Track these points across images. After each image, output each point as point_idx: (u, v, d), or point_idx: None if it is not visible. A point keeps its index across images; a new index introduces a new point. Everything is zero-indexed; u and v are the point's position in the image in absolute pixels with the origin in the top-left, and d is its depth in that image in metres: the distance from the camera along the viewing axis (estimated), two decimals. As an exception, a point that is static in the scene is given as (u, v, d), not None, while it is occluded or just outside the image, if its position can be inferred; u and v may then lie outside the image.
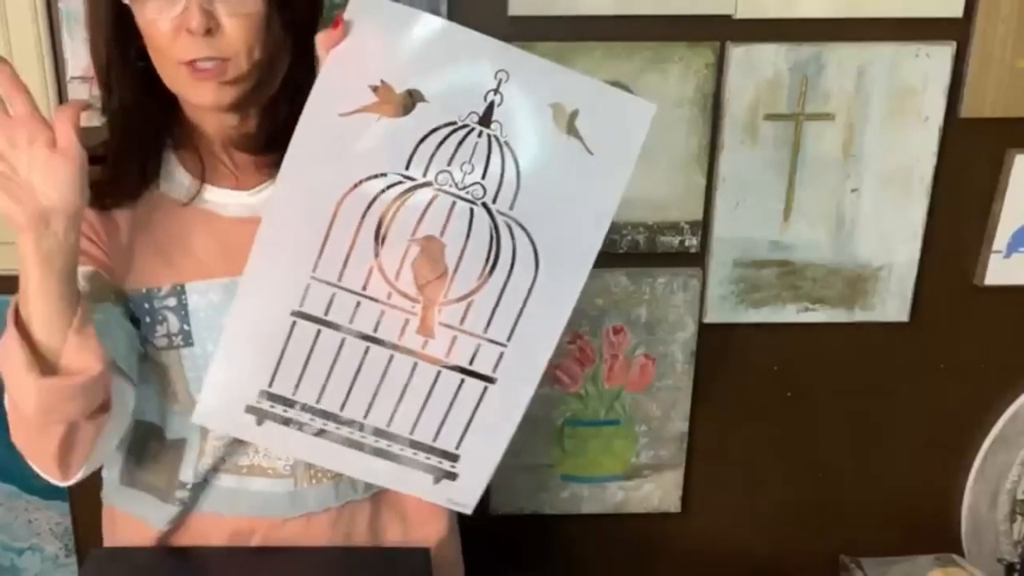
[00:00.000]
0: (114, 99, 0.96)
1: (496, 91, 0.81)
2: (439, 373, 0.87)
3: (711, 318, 1.51)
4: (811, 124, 1.42)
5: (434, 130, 0.81)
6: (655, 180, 1.43)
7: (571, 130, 0.82)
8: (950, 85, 1.41)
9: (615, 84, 0.90)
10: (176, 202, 0.98)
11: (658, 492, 1.61)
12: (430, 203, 0.82)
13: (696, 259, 1.48)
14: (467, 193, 0.82)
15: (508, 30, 1.34)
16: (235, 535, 1.04)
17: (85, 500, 1.61)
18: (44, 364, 0.84)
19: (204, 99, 0.92)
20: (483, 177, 0.82)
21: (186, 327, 0.97)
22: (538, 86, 0.81)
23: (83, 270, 0.92)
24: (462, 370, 0.87)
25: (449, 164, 0.81)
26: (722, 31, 1.37)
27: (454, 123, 0.81)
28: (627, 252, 1.46)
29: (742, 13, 1.36)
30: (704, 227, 1.47)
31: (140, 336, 0.99)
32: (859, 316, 1.52)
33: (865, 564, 1.32)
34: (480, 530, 1.60)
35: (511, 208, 0.83)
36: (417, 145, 0.81)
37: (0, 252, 1.42)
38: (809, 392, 1.57)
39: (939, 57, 1.39)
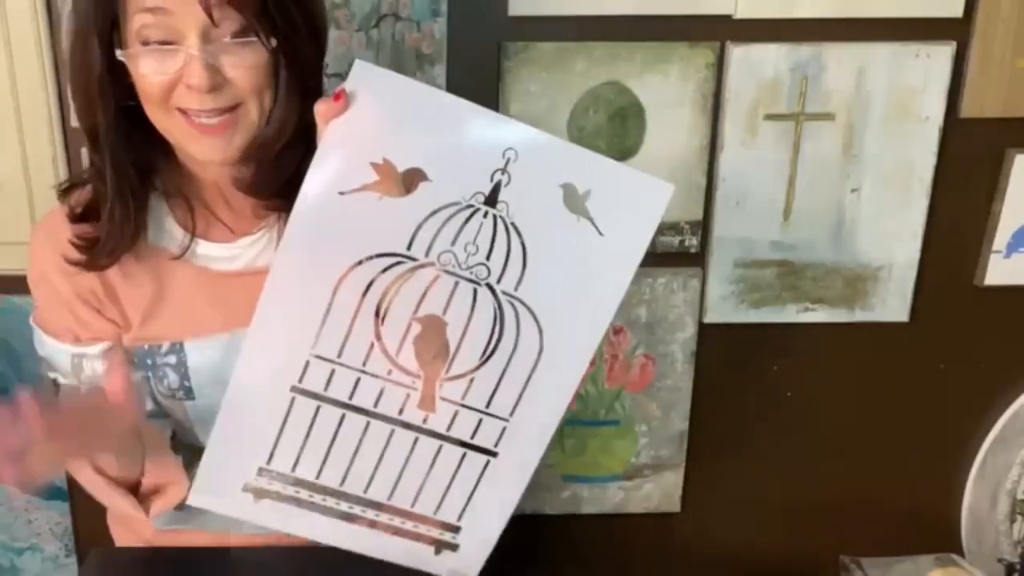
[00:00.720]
0: (104, 152, 0.91)
1: (503, 171, 0.77)
2: (440, 447, 0.86)
3: (711, 318, 1.51)
4: (811, 124, 1.42)
5: (437, 210, 0.78)
6: (655, 180, 1.43)
7: (582, 211, 0.78)
8: (950, 85, 1.41)
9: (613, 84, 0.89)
10: (166, 253, 0.96)
11: (658, 492, 1.61)
12: (432, 282, 0.80)
13: (696, 259, 1.48)
14: (471, 273, 0.80)
15: (508, 30, 1.34)
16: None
17: (85, 500, 1.61)
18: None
19: (212, 154, 0.88)
20: (488, 258, 0.79)
21: (187, 383, 0.98)
22: (549, 165, 0.78)
23: (97, 348, 0.96)
24: (463, 444, 0.85)
25: (452, 244, 0.79)
26: (722, 31, 1.37)
27: (458, 203, 0.78)
28: (627, 252, 1.46)
29: (742, 13, 1.36)
30: (704, 227, 1.47)
31: None
32: (859, 316, 1.52)
33: (865, 564, 1.32)
34: (480, 530, 1.61)
35: (516, 289, 0.80)
36: (420, 225, 0.78)
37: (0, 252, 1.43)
38: (809, 392, 1.57)
39: (939, 57, 1.39)
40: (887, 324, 1.53)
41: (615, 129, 1.40)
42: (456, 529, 0.90)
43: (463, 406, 0.84)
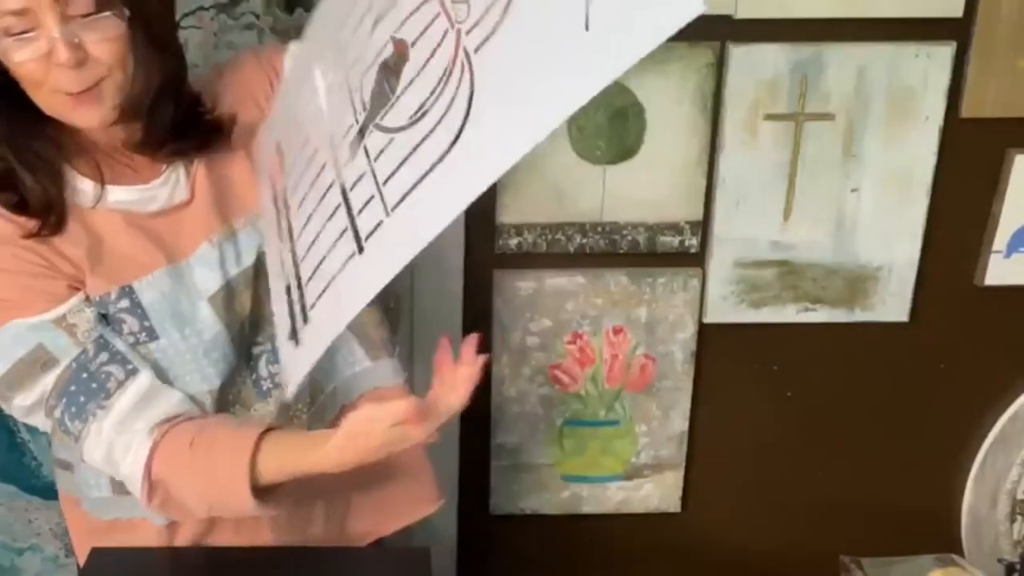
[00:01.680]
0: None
1: None
2: (337, 207, 0.82)
3: (711, 318, 1.51)
4: (811, 124, 1.42)
5: None
6: (655, 180, 1.43)
7: None
8: (950, 85, 1.41)
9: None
10: (84, 208, 0.99)
11: (658, 492, 1.61)
12: (420, 5, 0.75)
13: (696, 259, 1.48)
14: (453, 10, 0.72)
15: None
16: None
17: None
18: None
19: (90, 121, 0.94)
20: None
21: (146, 323, 0.99)
22: None
23: (75, 299, 0.97)
24: (349, 215, 0.80)
25: None
26: (722, 31, 1.37)
27: None
28: (627, 252, 1.46)
29: (742, 13, 1.36)
30: (704, 227, 1.47)
31: None
32: (859, 316, 1.52)
33: (865, 564, 1.32)
34: (480, 530, 1.61)
35: (476, 51, 0.70)
36: None
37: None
38: (809, 392, 1.57)
39: (939, 57, 1.39)
40: (887, 324, 1.53)
41: (615, 129, 1.40)
42: (307, 319, 0.86)
43: (371, 170, 0.78)
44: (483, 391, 1.51)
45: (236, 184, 1.06)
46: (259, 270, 1.04)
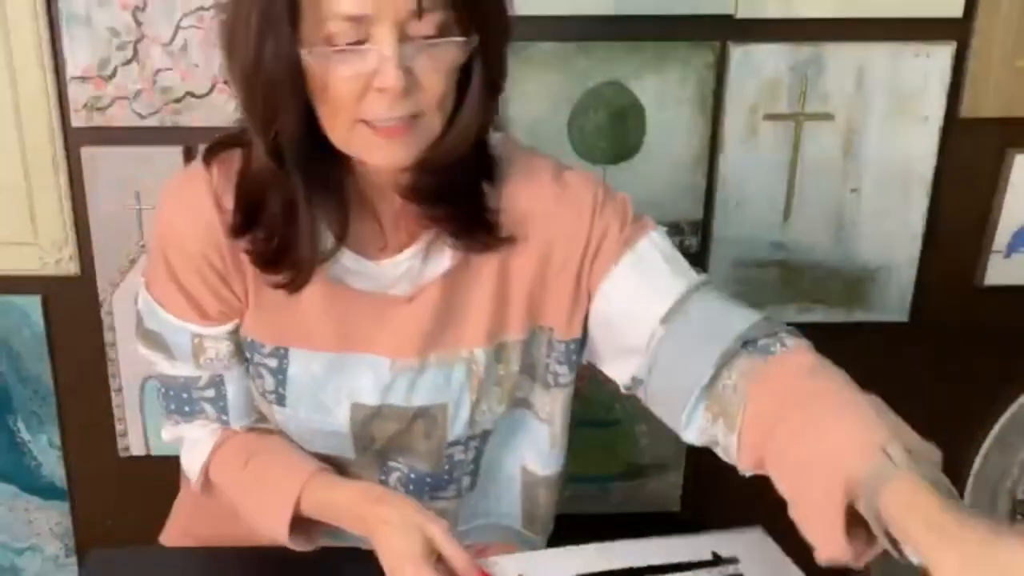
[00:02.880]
0: (290, 160, 0.83)
1: None
2: None
3: (711, 318, 1.51)
4: (811, 124, 1.42)
5: None
6: (655, 180, 1.43)
7: None
8: (950, 85, 1.41)
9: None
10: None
11: (659, 492, 1.61)
12: None
13: (696, 259, 1.48)
14: None
15: (508, 30, 1.34)
16: None
17: (85, 500, 1.61)
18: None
19: (391, 160, 0.82)
20: None
21: (281, 390, 0.94)
22: None
23: (222, 330, 0.92)
24: None
25: None
26: (722, 31, 1.37)
27: None
28: (627, 252, 1.46)
29: (742, 13, 1.36)
30: (704, 227, 1.47)
31: None
32: (859, 316, 1.52)
33: (872, 566, 1.32)
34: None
35: None
36: None
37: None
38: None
39: (939, 57, 1.39)
40: (887, 324, 1.53)
41: (615, 129, 1.40)
42: None
43: None
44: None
45: (470, 312, 0.92)
46: (417, 416, 0.95)
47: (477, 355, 0.94)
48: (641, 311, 0.90)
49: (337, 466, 0.98)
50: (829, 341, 1.53)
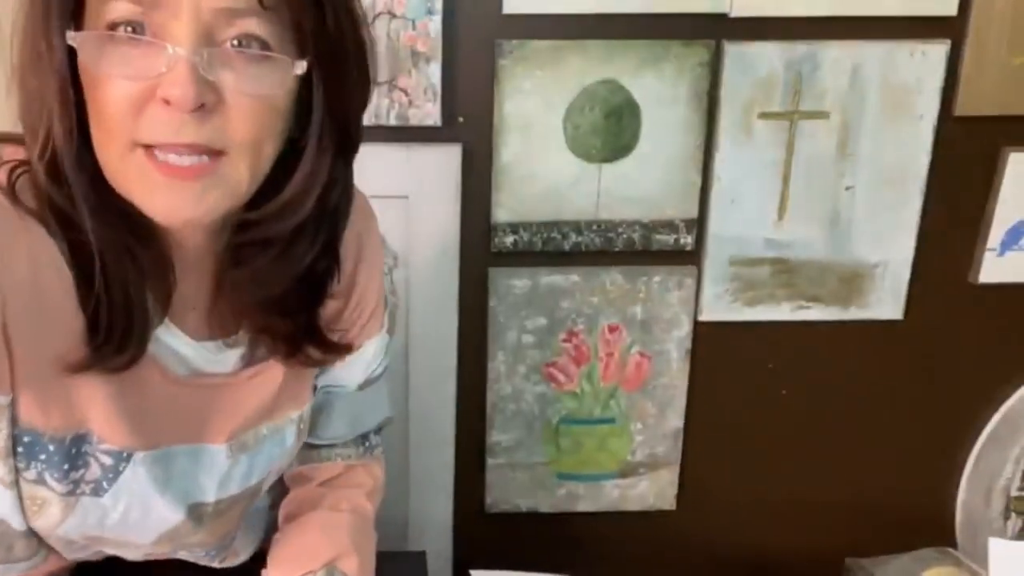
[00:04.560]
0: (79, 196, 0.64)
1: None
2: None
3: (706, 316, 1.51)
4: (806, 122, 1.42)
5: None
6: (650, 178, 1.43)
7: None
8: (944, 83, 1.41)
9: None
10: None
11: (653, 490, 1.61)
12: None
13: (691, 257, 1.48)
14: None
15: (503, 28, 1.34)
16: None
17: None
18: None
19: (174, 210, 0.63)
20: None
21: (106, 485, 0.76)
22: None
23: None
24: None
25: None
26: (717, 29, 1.37)
27: None
28: (622, 250, 1.46)
29: (737, 11, 1.36)
30: (699, 225, 1.47)
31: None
32: (853, 314, 1.53)
33: (864, 562, 1.33)
34: (476, 528, 1.61)
35: None
36: None
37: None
38: (804, 390, 1.58)
39: (934, 55, 1.39)
40: (881, 322, 1.53)
41: (610, 127, 1.40)
42: None
43: None
44: (478, 389, 1.52)
45: (309, 373, 0.85)
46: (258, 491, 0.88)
47: (305, 413, 0.88)
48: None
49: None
50: (824, 339, 1.55)
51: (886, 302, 1.52)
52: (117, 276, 0.66)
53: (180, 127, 0.59)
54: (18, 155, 0.67)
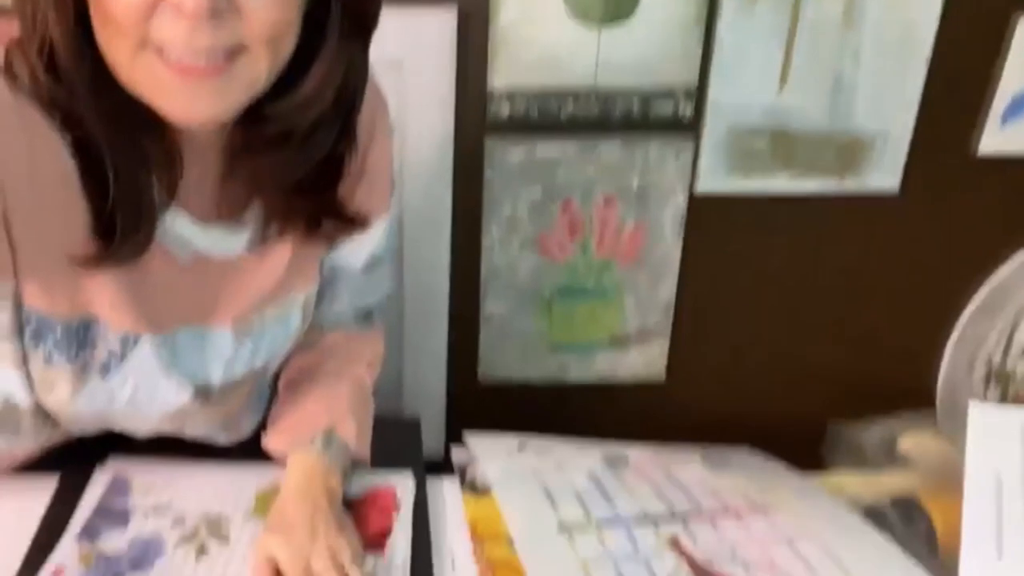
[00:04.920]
0: (80, 94, 0.63)
1: None
2: None
3: (702, 187, 1.49)
4: (812, -14, 1.37)
5: None
6: (650, 44, 1.38)
7: None
8: (956, -55, 1.36)
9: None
10: None
11: (643, 361, 1.64)
12: None
13: (690, 127, 1.46)
14: None
15: None
16: None
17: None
18: None
19: (190, 111, 0.63)
20: None
21: (113, 367, 0.78)
22: None
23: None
24: None
25: None
26: None
27: None
28: (620, 120, 1.43)
29: None
30: (699, 93, 1.43)
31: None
32: (850, 185, 1.51)
33: (848, 428, 1.36)
34: (468, 399, 1.63)
35: None
36: None
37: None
38: (798, 262, 1.58)
39: (948, -85, 1.34)
40: (878, 194, 1.52)
41: (610, -10, 1.35)
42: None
43: None
44: (473, 261, 1.51)
45: (314, 256, 0.85)
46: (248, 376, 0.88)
47: (311, 295, 0.89)
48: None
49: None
50: (819, 211, 1.54)
51: (884, 174, 1.51)
52: (122, 168, 0.65)
53: (193, 32, 0.58)
54: (13, 33, 0.64)
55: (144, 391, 0.80)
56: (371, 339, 1.01)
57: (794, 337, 1.64)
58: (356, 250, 0.92)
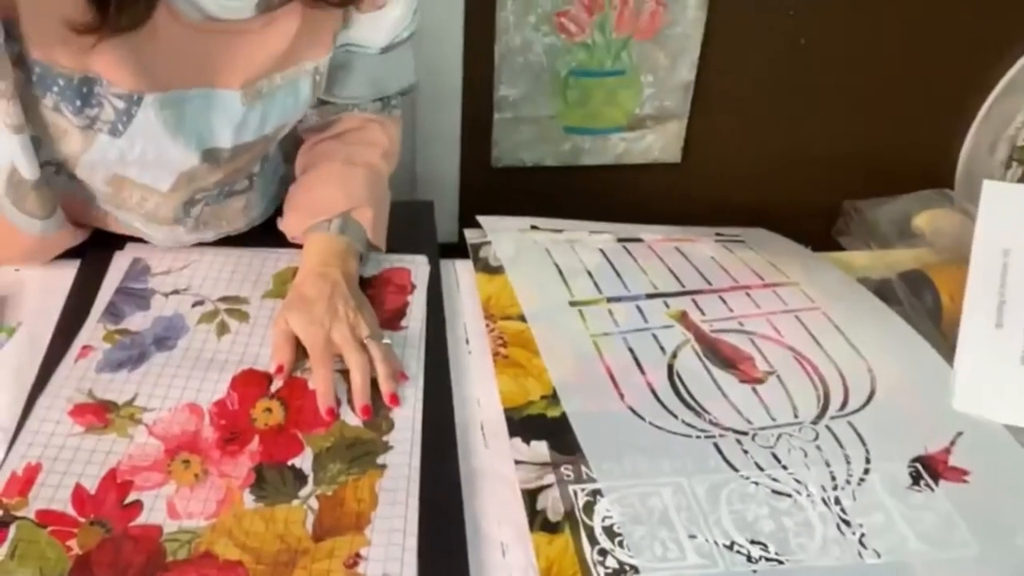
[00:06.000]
0: None
1: None
2: None
3: (726, -42, 1.42)
4: None
5: None
6: None
7: None
8: None
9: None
10: None
11: (659, 143, 1.61)
12: None
13: None
14: None
15: None
16: None
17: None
18: None
19: None
20: None
21: (120, 127, 0.79)
22: None
23: None
24: None
25: None
26: None
27: None
28: None
29: None
30: None
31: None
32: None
33: (861, 205, 1.35)
34: (482, 182, 1.63)
35: None
36: None
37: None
38: (824, 39, 1.52)
39: None
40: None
41: None
42: None
43: None
44: (486, 41, 1.46)
45: (327, 22, 0.85)
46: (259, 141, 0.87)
47: (322, 65, 0.88)
48: None
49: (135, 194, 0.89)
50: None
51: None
52: None
53: None
54: None
55: (152, 152, 0.81)
56: (388, 125, 0.99)
57: (816, 119, 1.61)
58: (373, 30, 0.90)
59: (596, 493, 0.71)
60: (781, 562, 0.67)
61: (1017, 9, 1.51)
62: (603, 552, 0.66)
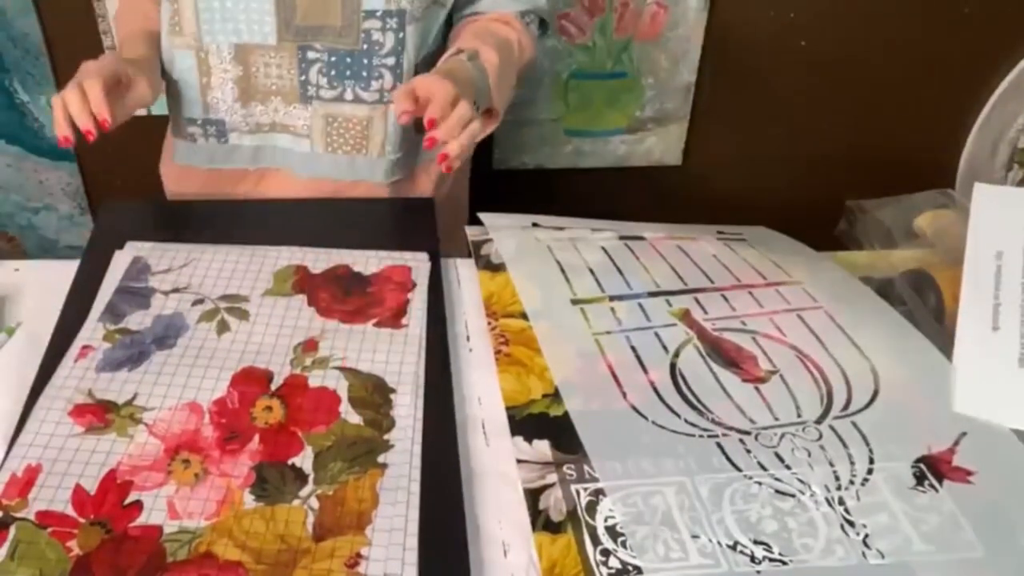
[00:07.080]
0: None
1: None
2: None
3: (727, -40, 1.42)
4: None
5: None
6: None
7: None
8: None
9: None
10: None
11: (660, 145, 1.61)
12: None
13: None
14: None
15: None
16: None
17: (92, 160, 1.62)
18: None
19: None
20: None
21: None
22: None
23: None
24: None
25: None
26: None
27: None
28: None
29: None
30: None
31: None
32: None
33: (865, 205, 1.35)
34: (483, 184, 1.62)
35: None
36: None
37: None
38: (823, 42, 1.52)
39: None
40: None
41: None
42: None
43: None
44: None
45: None
46: None
47: None
48: None
49: (258, 61, 1.02)
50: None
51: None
52: None
53: None
54: None
55: None
56: (526, 35, 1.06)
57: (816, 120, 1.61)
58: None
59: (599, 493, 0.70)
60: (785, 563, 0.66)
61: (1019, 12, 1.51)
62: (606, 552, 0.66)
